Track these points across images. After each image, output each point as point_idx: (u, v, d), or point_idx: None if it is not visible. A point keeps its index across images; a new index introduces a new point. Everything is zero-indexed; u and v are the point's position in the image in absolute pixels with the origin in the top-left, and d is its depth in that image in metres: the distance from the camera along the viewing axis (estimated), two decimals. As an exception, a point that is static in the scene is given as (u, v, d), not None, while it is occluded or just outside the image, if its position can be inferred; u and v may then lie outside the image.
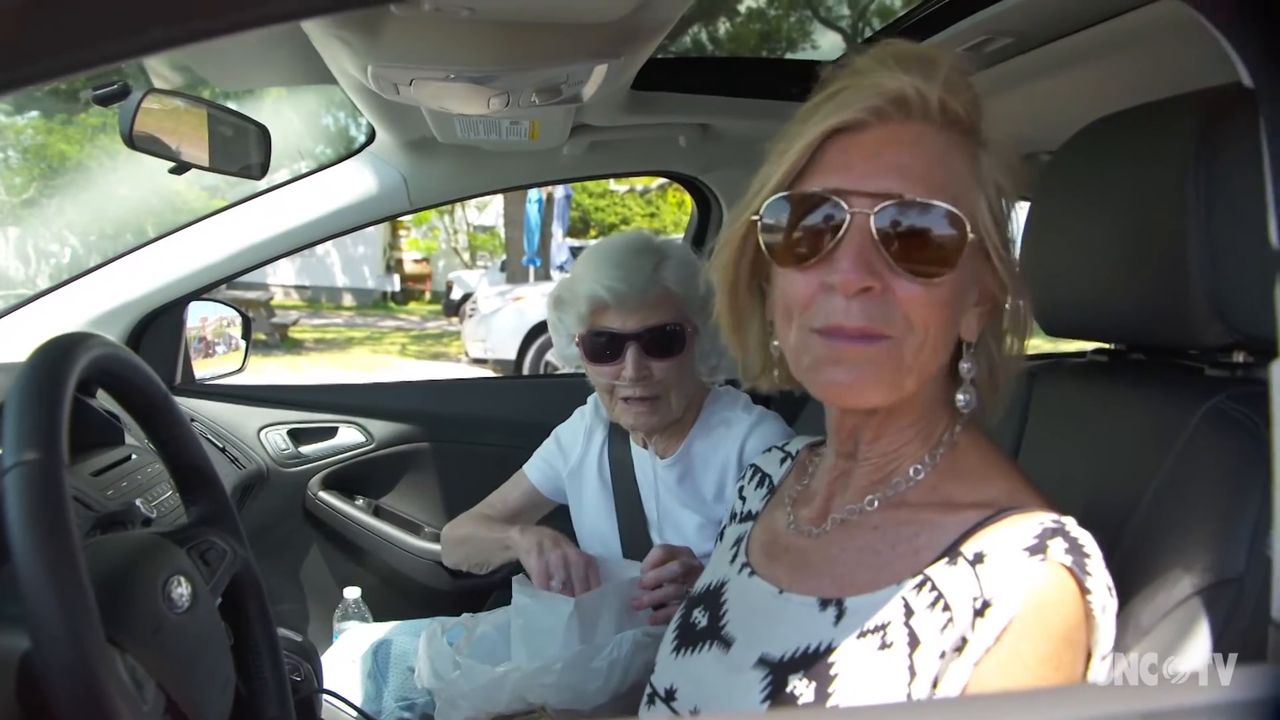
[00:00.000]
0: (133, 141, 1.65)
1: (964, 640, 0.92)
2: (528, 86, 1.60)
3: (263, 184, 2.29)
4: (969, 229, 0.96)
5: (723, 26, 12.30)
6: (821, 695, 0.96)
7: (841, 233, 0.96)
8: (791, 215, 1.00)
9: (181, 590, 1.07)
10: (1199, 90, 1.09)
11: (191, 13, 0.63)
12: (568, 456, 2.12)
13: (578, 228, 20.51)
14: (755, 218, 1.03)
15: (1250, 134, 0.76)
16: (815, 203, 0.98)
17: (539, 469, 2.16)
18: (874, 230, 0.95)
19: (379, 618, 2.28)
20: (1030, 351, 1.09)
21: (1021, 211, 1.13)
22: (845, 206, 0.96)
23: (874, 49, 1.02)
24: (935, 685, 0.93)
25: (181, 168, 1.82)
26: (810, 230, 0.98)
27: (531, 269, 15.14)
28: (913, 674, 0.93)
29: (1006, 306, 1.04)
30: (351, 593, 2.32)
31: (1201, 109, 1.07)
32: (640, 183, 19.67)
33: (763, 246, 1.03)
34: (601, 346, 1.85)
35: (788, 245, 1.00)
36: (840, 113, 0.99)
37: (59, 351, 0.97)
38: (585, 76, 1.59)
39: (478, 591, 2.55)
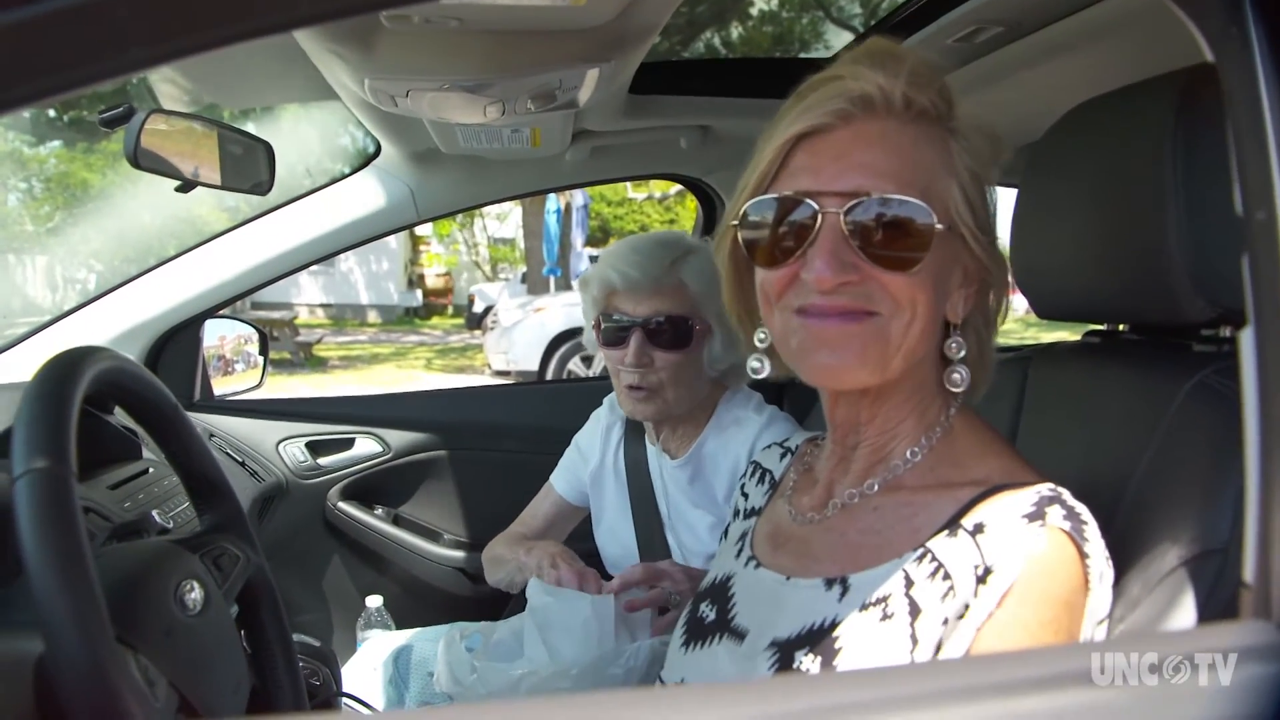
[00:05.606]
0: (137, 161, 1.67)
1: (966, 607, 0.94)
2: (522, 93, 1.63)
3: (272, 200, 2.33)
4: (937, 219, 0.98)
5: (735, 31, 12.28)
6: (827, 669, 0.97)
7: (814, 233, 0.99)
8: (766, 218, 1.03)
9: (194, 594, 1.10)
10: (1174, 70, 1.10)
11: (172, 31, 0.65)
12: (588, 460, 2.14)
13: (597, 236, 20.53)
14: (734, 223, 1.07)
15: (1220, 110, 0.77)
16: (788, 206, 1.01)
17: (563, 479, 2.18)
18: (844, 228, 0.98)
19: (401, 625, 2.30)
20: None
21: (1008, 197, 1.14)
22: (816, 207, 0.99)
23: (851, 52, 1.05)
24: (938, 651, 0.95)
25: (187, 186, 1.85)
26: (785, 231, 1.02)
27: (552, 279, 15.16)
28: (915, 642, 0.95)
29: (993, 285, 1.07)
30: (374, 601, 2.34)
31: (1176, 88, 1.08)
32: (658, 189, 19.67)
33: (742, 248, 1.07)
34: (611, 330, 1.90)
35: (765, 247, 1.04)
36: (804, 118, 1.02)
37: (66, 364, 1.00)
38: (578, 81, 1.62)
39: (497, 597, 2.56)
